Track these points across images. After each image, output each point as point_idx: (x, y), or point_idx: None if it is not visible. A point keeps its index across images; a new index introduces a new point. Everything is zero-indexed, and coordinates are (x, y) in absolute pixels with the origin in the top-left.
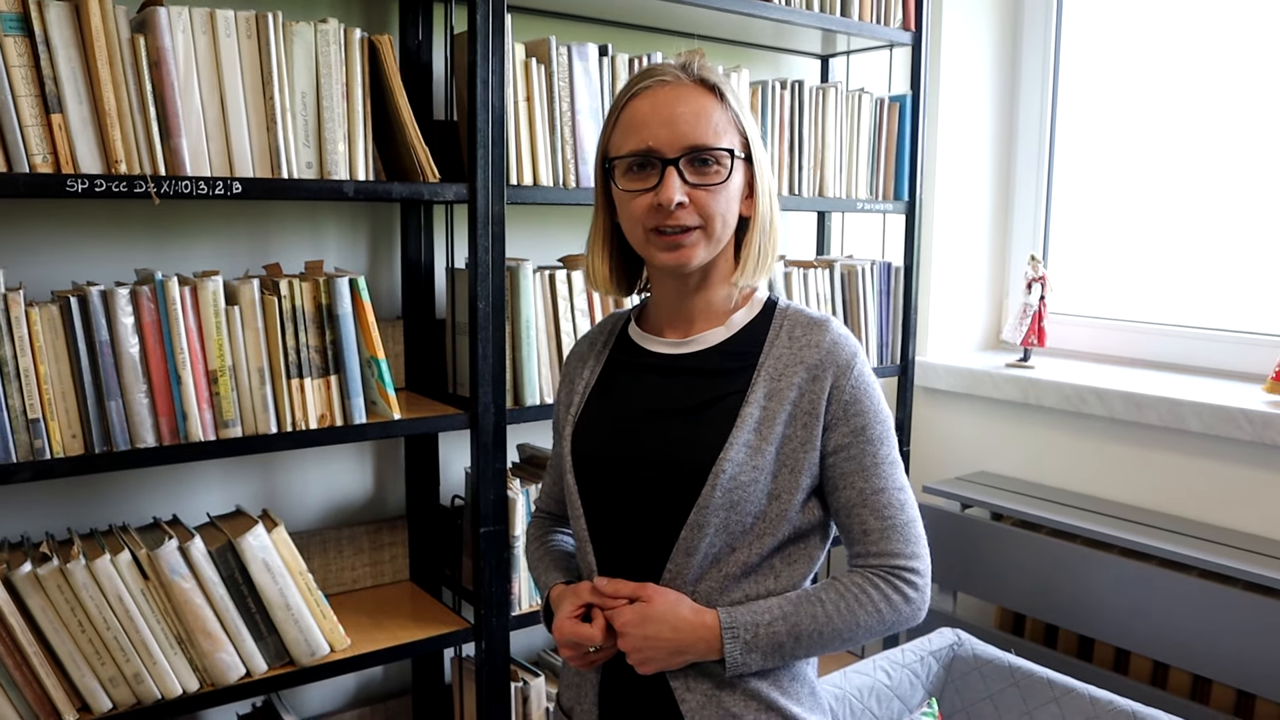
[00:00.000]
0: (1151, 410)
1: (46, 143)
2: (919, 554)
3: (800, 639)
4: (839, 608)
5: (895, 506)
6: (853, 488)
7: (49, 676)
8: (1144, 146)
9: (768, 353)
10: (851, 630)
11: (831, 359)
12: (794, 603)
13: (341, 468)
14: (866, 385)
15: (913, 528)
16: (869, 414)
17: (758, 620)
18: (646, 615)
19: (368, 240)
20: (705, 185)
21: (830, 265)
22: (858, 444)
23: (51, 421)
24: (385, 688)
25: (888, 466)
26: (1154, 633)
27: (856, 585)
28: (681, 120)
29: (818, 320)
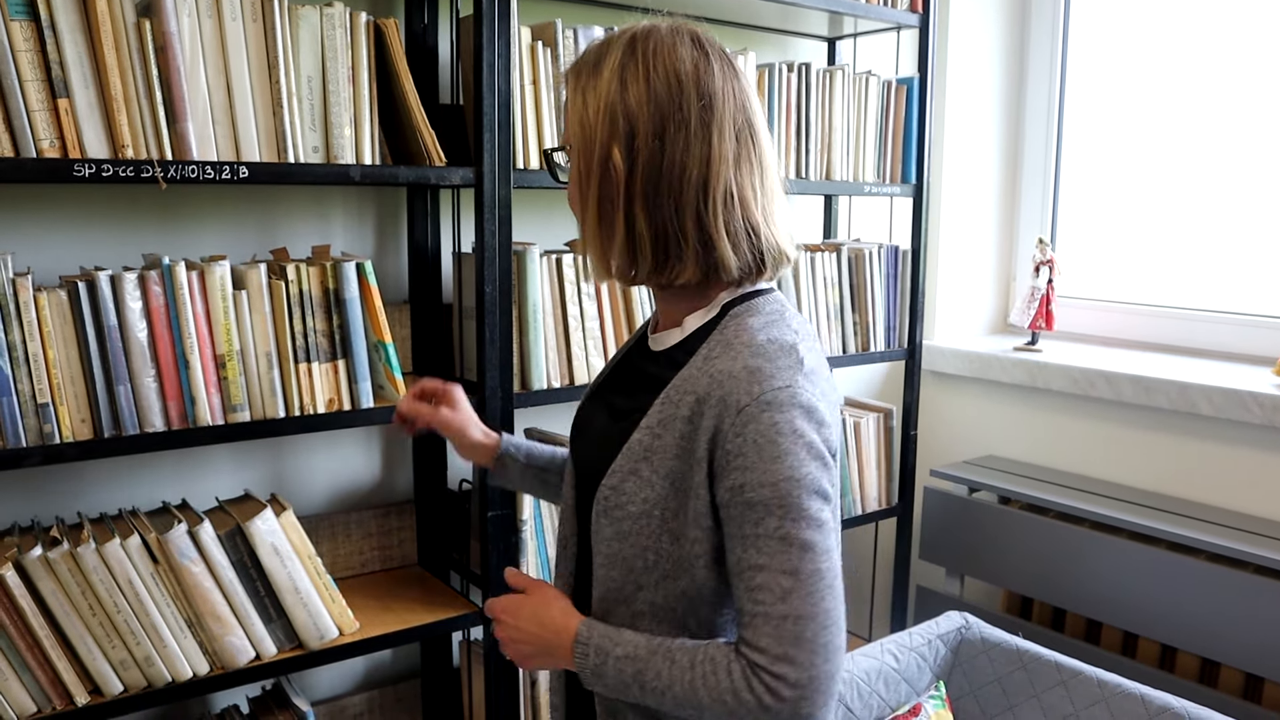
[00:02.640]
0: (1160, 394)
1: (53, 127)
2: (795, 659)
3: (645, 689)
4: (685, 678)
5: (772, 593)
6: (732, 554)
7: (61, 659)
8: (1152, 129)
9: (681, 371)
10: (691, 706)
11: (721, 395)
12: (652, 649)
13: (349, 452)
14: (762, 437)
15: (793, 626)
16: (754, 472)
17: (609, 650)
18: (517, 607)
19: (374, 225)
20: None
21: (837, 249)
22: (735, 504)
23: (61, 406)
24: (394, 671)
25: (774, 542)
26: (1162, 616)
27: (714, 661)
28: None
29: (741, 341)
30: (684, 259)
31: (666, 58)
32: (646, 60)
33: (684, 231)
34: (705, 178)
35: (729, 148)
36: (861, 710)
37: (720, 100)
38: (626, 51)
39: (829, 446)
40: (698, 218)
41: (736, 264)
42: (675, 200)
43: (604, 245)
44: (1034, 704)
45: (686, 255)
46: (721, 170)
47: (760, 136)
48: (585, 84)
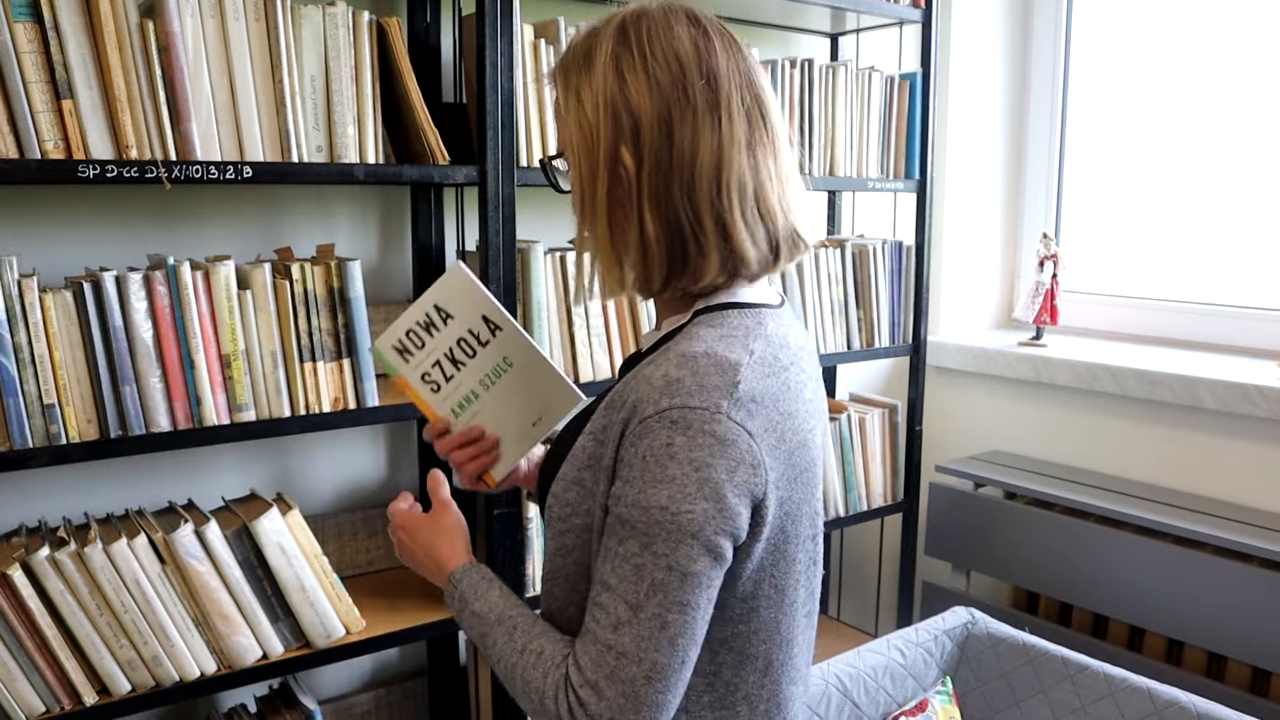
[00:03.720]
0: (1165, 387)
1: (58, 129)
2: (603, 693)
3: (485, 651)
4: (511, 660)
5: (608, 616)
6: (595, 560)
7: (68, 659)
8: (1156, 122)
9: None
10: (511, 689)
11: (636, 401)
12: (500, 617)
13: (355, 451)
14: (649, 452)
15: (614, 659)
16: (632, 487)
17: (469, 601)
18: (415, 527)
19: (378, 224)
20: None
21: (841, 245)
22: (612, 515)
23: (67, 407)
24: (401, 669)
25: (629, 568)
26: (1169, 610)
27: (542, 658)
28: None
29: (678, 353)
30: (706, 256)
31: (663, 39)
32: (641, 45)
33: (702, 227)
34: (718, 165)
35: (740, 130)
36: (868, 706)
37: (725, 79)
38: (618, 40)
39: (747, 490)
40: (715, 210)
41: (756, 256)
42: (688, 194)
43: (618, 255)
44: (1041, 699)
45: (708, 252)
46: (734, 155)
47: (771, 115)
48: (578, 82)
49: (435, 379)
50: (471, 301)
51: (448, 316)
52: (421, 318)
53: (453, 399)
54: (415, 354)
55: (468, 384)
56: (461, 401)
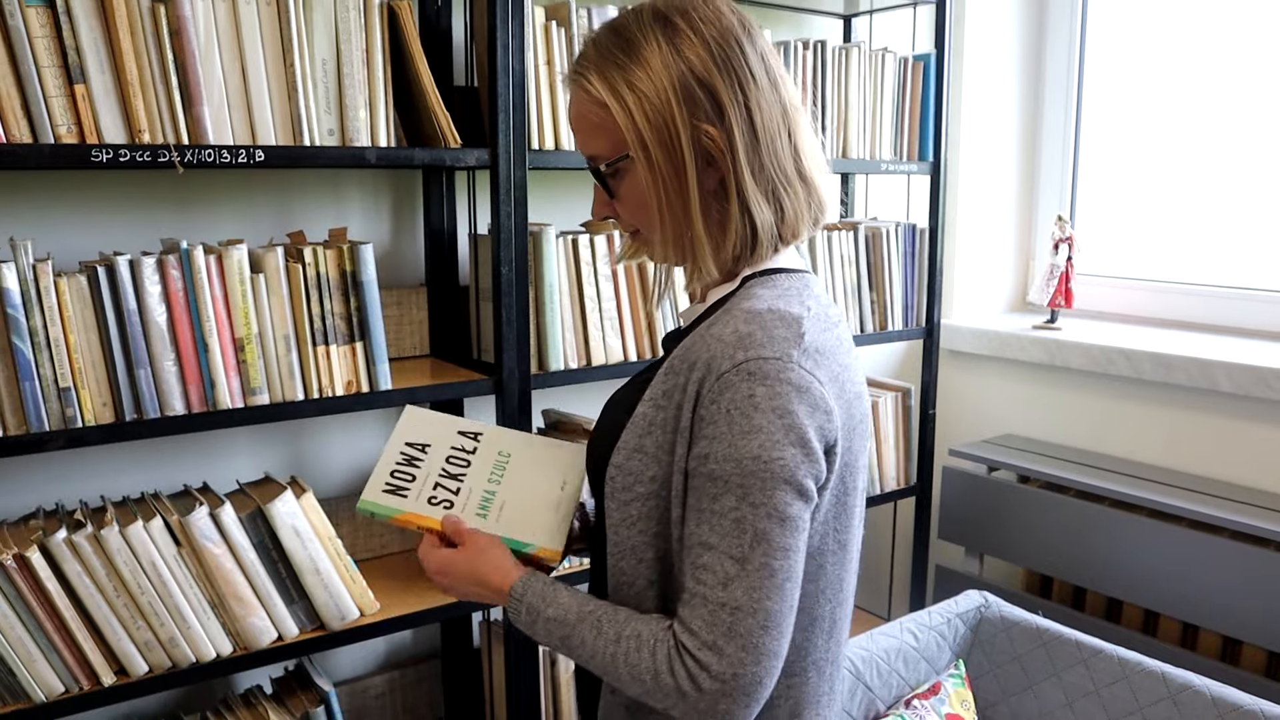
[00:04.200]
0: (1181, 371)
1: (70, 113)
2: (723, 651)
3: (571, 653)
4: (608, 650)
5: (715, 576)
6: (687, 525)
7: (86, 640)
8: (1173, 104)
9: (683, 342)
10: (612, 676)
11: (709, 359)
12: (581, 615)
13: (368, 435)
14: (736, 409)
15: (729, 616)
16: (721, 442)
17: (540, 609)
18: (449, 566)
19: (390, 208)
20: (605, 193)
21: (854, 228)
22: (698, 476)
23: (82, 390)
24: (415, 651)
25: (729, 523)
26: (1183, 594)
27: (640, 639)
28: (575, 129)
29: (741, 310)
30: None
31: (703, 12)
32: (689, 20)
33: (793, 192)
34: (789, 128)
35: (786, 95)
36: (881, 689)
37: (767, 47)
38: (660, 21)
39: (822, 436)
40: (799, 173)
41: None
42: (777, 162)
43: (717, 242)
44: (1054, 682)
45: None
46: (796, 119)
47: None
48: (627, 76)
49: (444, 498)
50: (438, 426)
51: (424, 446)
52: (399, 457)
53: (471, 507)
54: (410, 487)
55: (479, 487)
56: (481, 505)
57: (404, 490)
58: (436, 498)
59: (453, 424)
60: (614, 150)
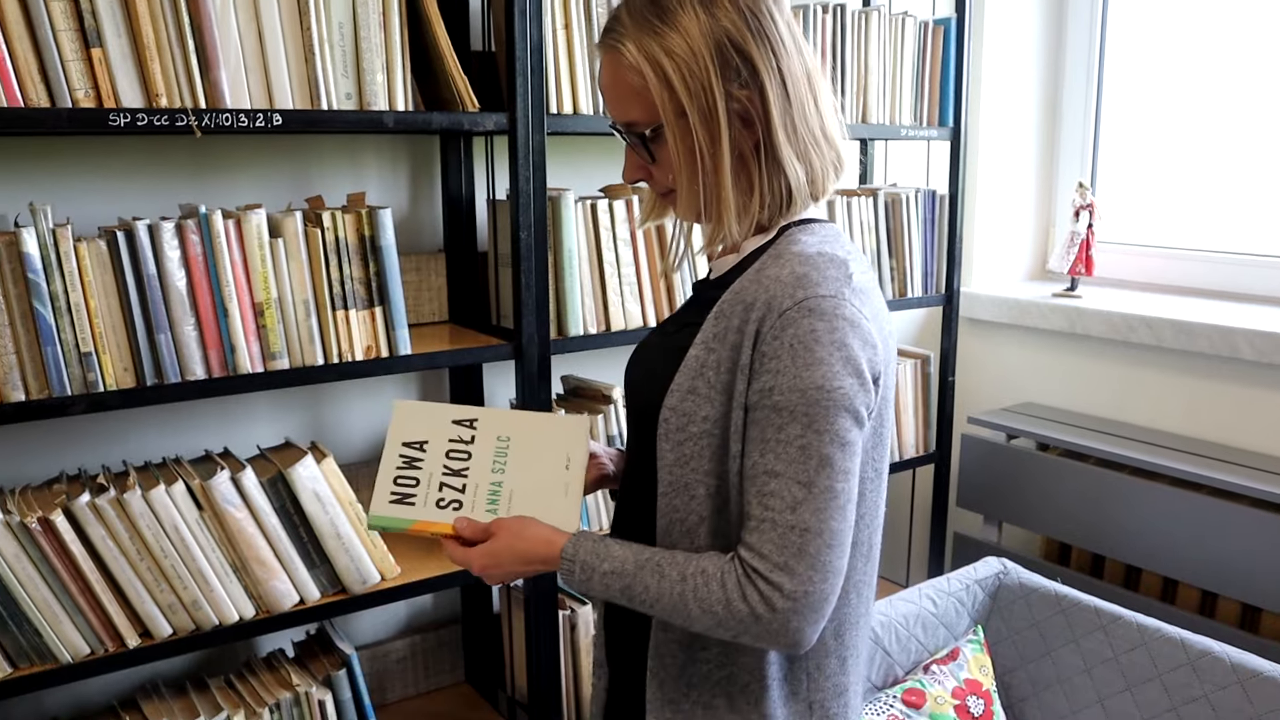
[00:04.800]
0: (1202, 338)
1: (88, 77)
2: (794, 571)
3: (632, 599)
4: (675, 590)
5: (783, 501)
6: (749, 457)
7: (111, 603)
8: (1196, 70)
9: (733, 286)
10: (680, 617)
11: (767, 299)
12: (639, 563)
13: (388, 401)
14: (798, 342)
15: (798, 538)
16: (785, 375)
17: (595, 565)
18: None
19: (408, 173)
20: (646, 158)
21: (874, 194)
22: (762, 407)
23: (103, 355)
24: (435, 617)
25: (794, 450)
26: (1203, 561)
27: (705, 573)
28: (607, 99)
29: (792, 254)
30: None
31: None
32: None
33: (820, 151)
34: (814, 93)
35: (812, 59)
36: (899, 654)
37: (790, 14)
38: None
39: (871, 367)
40: (825, 134)
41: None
42: (806, 124)
43: (745, 202)
44: (1073, 648)
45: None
46: (819, 81)
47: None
48: (664, 43)
49: (452, 498)
50: (431, 418)
51: (422, 444)
52: (399, 461)
53: (480, 503)
54: (416, 493)
55: (484, 480)
56: (490, 499)
57: (410, 498)
58: (444, 499)
59: (446, 413)
60: (651, 117)
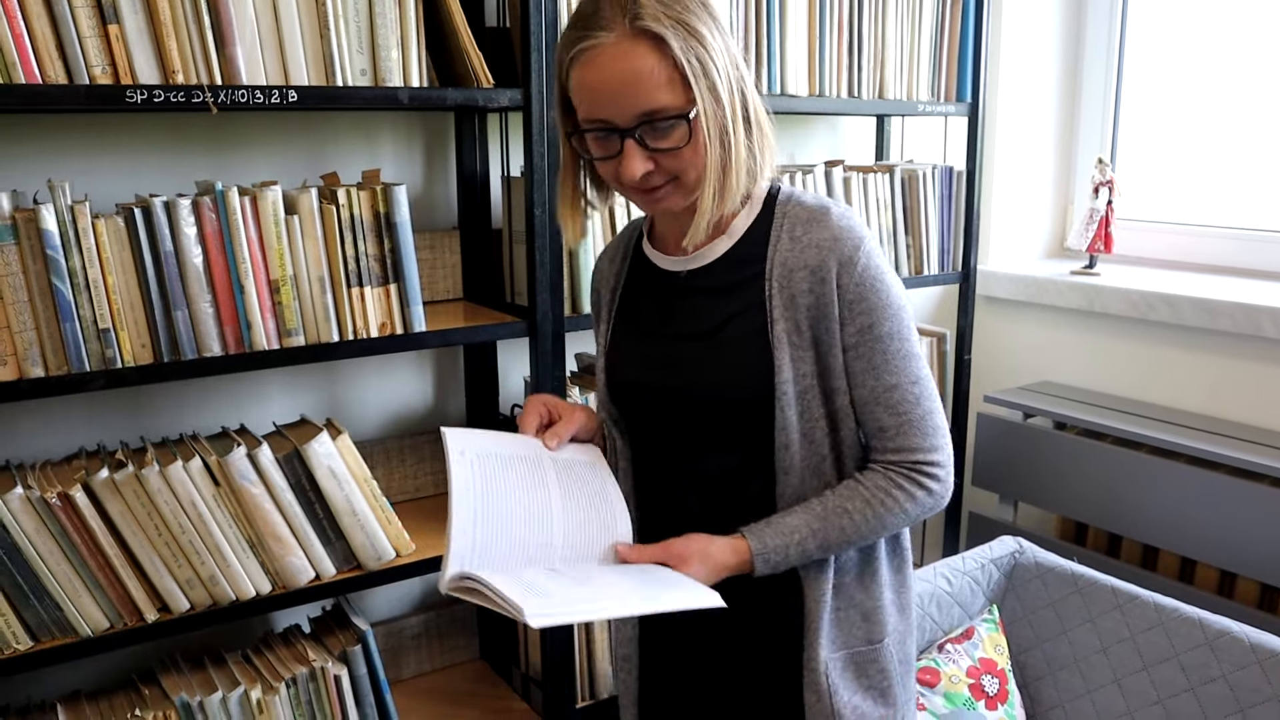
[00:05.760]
0: (1225, 316)
1: (105, 54)
2: (938, 445)
3: (829, 548)
4: (866, 516)
5: (910, 401)
6: (864, 386)
7: (130, 578)
8: (1217, 45)
9: (772, 259)
10: (879, 533)
11: (833, 257)
12: (822, 518)
13: (402, 378)
14: (872, 279)
15: (929, 420)
16: (876, 309)
17: (787, 542)
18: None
19: (423, 150)
20: (667, 150)
21: (890, 170)
22: (865, 342)
23: (121, 331)
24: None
25: (900, 360)
26: (1222, 541)
27: (880, 489)
28: (627, 89)
29: (816, 213)
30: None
31: None
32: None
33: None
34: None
35: None
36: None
37: None
38: None
39: None
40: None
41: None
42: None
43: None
44: (1089, 628)
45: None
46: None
47: None
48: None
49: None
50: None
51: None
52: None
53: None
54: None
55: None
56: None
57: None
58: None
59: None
60: (685, 100)
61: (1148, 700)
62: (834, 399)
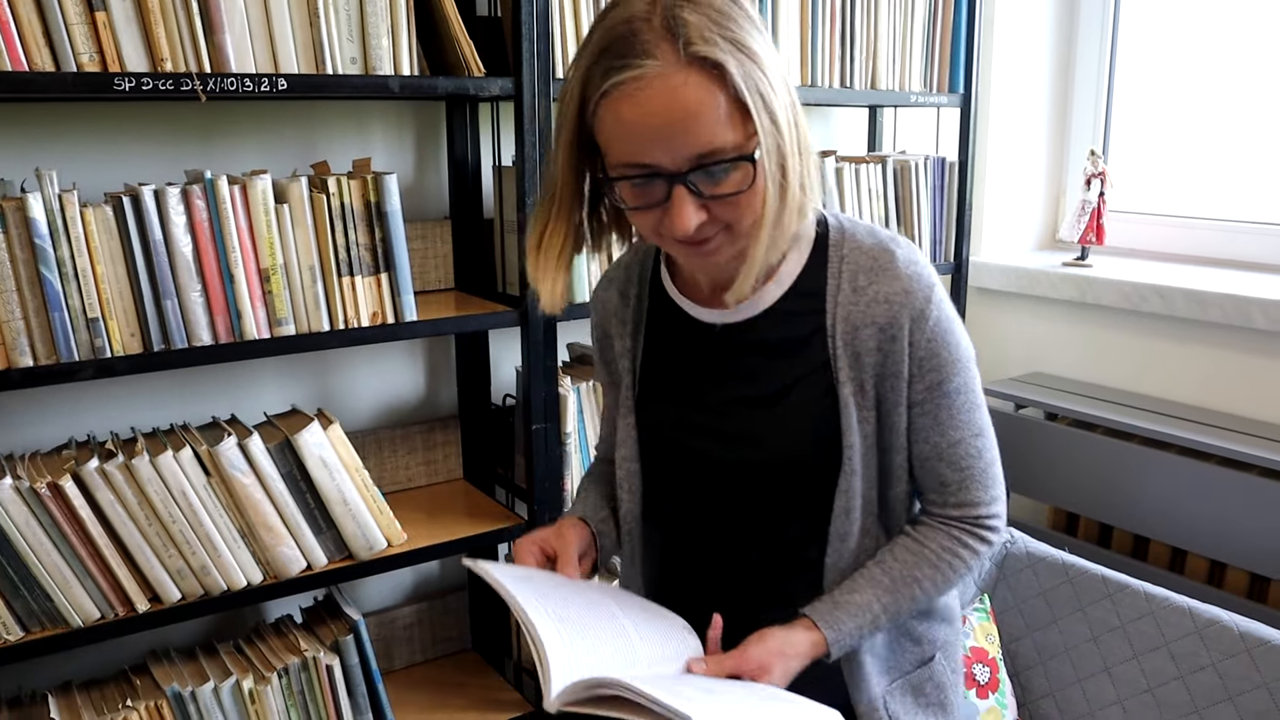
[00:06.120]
0: (1215, 307)
1: (92, 41)
2: (998, 496)
3: (898, 617)
4: (935, 581)
5: (973, 455)
6: (927, 442)
7: (120, 567)
8: (1211, 37)
9: (834, 313)
10: (945, 593)
11: (904, 313)
12: (890, 590)
13: (393, 368)
14: (944, 331)
15: (991, 470)
16: (947, 365)
17: (860, 623)
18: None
19: (414, 140)
20: (724, 196)
21: (883, 161)
22: (933, 399)
23: (110, 320)
24: (442, 584)
25: (965, 414)
26: (1212, 531)
27: (946, 550)
28: (680, 128)
29: (879, 257)
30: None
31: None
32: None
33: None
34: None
35: None
36: None
37: None
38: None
39: None
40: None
41: None
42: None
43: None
44: (1079, 617)
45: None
46: None
47: None
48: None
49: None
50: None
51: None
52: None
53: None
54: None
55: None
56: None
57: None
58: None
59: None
60: (745, 137)
61: (1137, 688)
62: (890, 455)
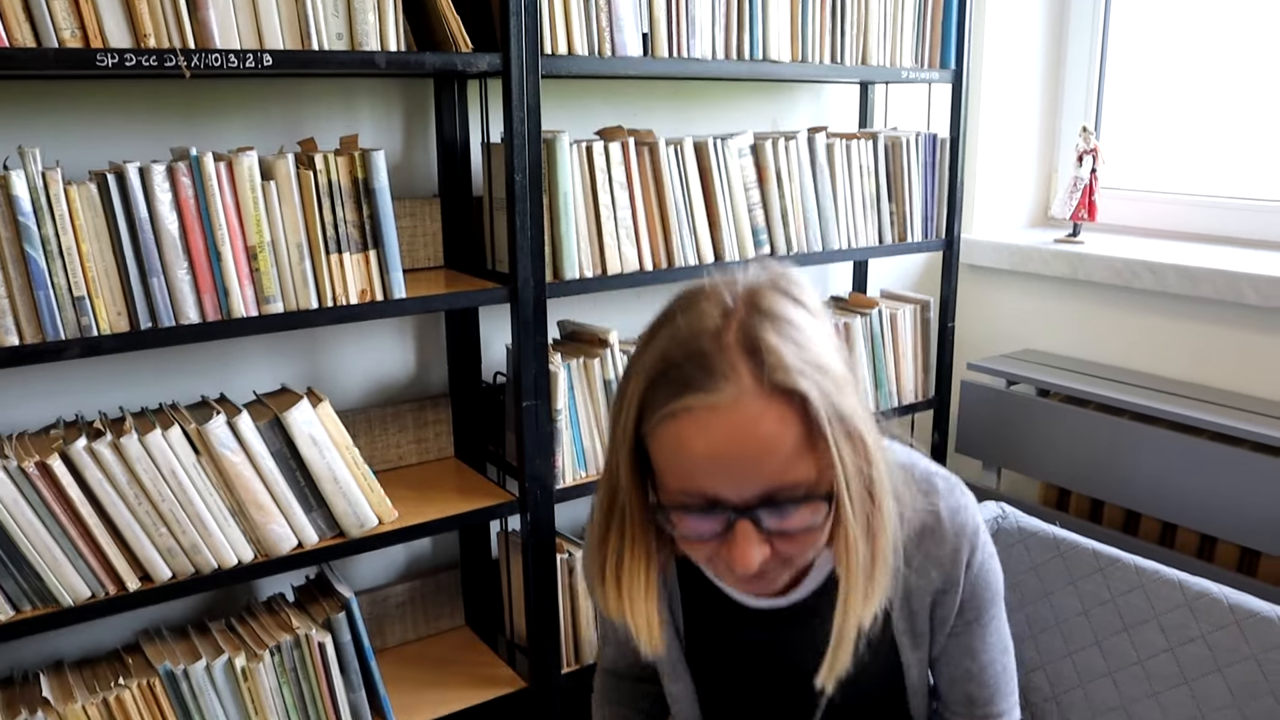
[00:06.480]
0: (1207, 283)
1: (74, 16)
2: (1015, 701)
3: None
4: None
5: (999, 671)
6: (959, 666)
7: (110, 546)
8: (1203, 13)
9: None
10: None
11: (956, 569)
12: None
13: (383, 347)
14: (987, 572)
15: (1009, 679)
16: (986, 602)
17: None
18: None
19: (402, 117)
20: (790, 533)
21: (873, 137)
22: (968, 631)
23: (97, 299)
24: (434, 562)
25: (994, 636)
26: (1202, 505)
27: None
28: (751, 462)
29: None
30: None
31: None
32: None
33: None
34: None
35: None
36: None
37: None
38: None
39: None
40: None
41: None
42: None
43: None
44: (1070, 591)
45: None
46: None
47: None
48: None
49: None
50: None
51: None
52: None
53: None
54: None
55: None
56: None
57: None
58: None
59: None
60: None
61: (1128, 660)
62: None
